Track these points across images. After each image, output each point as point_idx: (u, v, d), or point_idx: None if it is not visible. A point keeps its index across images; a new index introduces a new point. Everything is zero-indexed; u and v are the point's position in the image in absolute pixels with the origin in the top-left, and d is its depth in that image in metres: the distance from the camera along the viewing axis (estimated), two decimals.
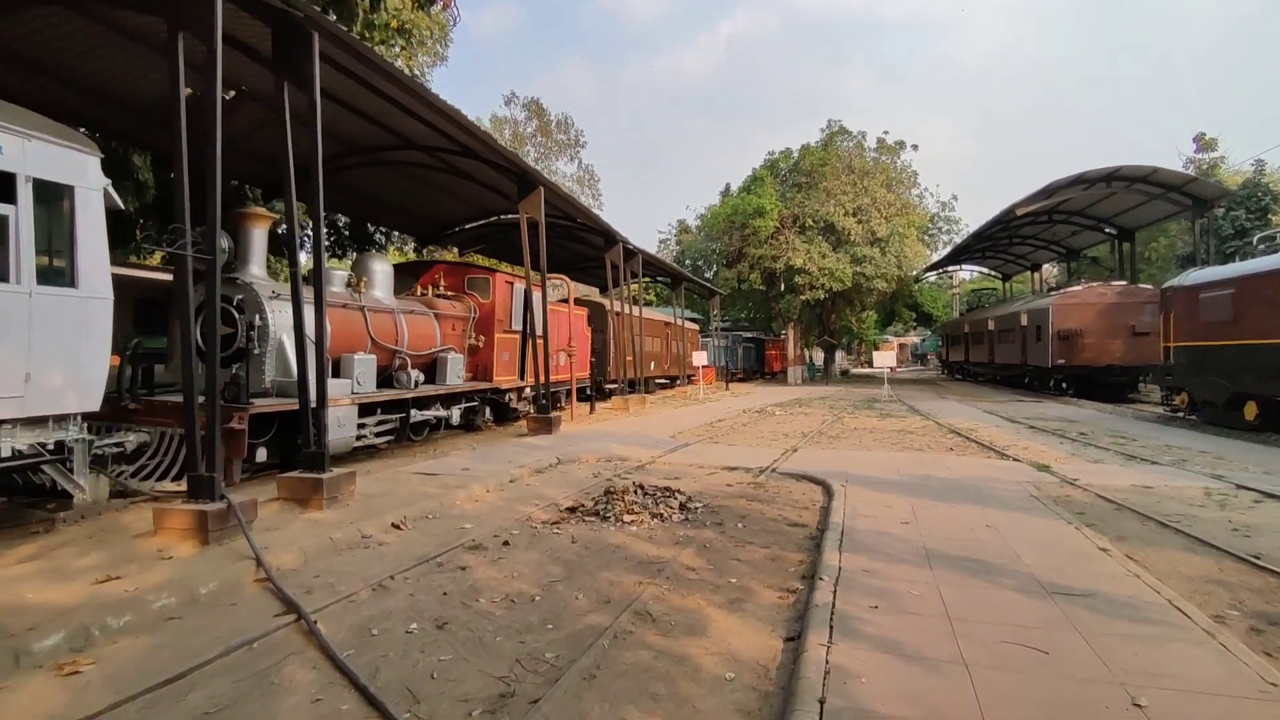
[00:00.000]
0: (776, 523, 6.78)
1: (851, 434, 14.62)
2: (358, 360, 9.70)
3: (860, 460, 10.59)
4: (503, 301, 14.01)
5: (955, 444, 12.86)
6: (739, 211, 37.01)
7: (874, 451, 11.78)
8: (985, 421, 17.10)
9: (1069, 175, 24.45)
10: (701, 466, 10.21)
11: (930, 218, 43.85)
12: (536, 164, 34.90)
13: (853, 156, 38.74)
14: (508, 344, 14.26)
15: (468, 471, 9.13)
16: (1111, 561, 5.24)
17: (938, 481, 8.69)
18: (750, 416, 18.73)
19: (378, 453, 11.06)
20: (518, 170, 13.74)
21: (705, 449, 12.07)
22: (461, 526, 6.47)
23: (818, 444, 12.96)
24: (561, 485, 8.63)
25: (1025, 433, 14.71)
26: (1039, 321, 27.09)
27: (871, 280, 35.92)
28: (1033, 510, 7.08)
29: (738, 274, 38.19)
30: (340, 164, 14.74)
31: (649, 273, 28.28)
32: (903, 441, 13.25)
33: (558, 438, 12.91)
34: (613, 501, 7.17)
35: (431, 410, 11.75)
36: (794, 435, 14.27)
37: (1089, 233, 31.76)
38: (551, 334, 16.57)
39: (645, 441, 12.75)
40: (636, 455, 11.08)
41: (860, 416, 18.70)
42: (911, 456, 11.08)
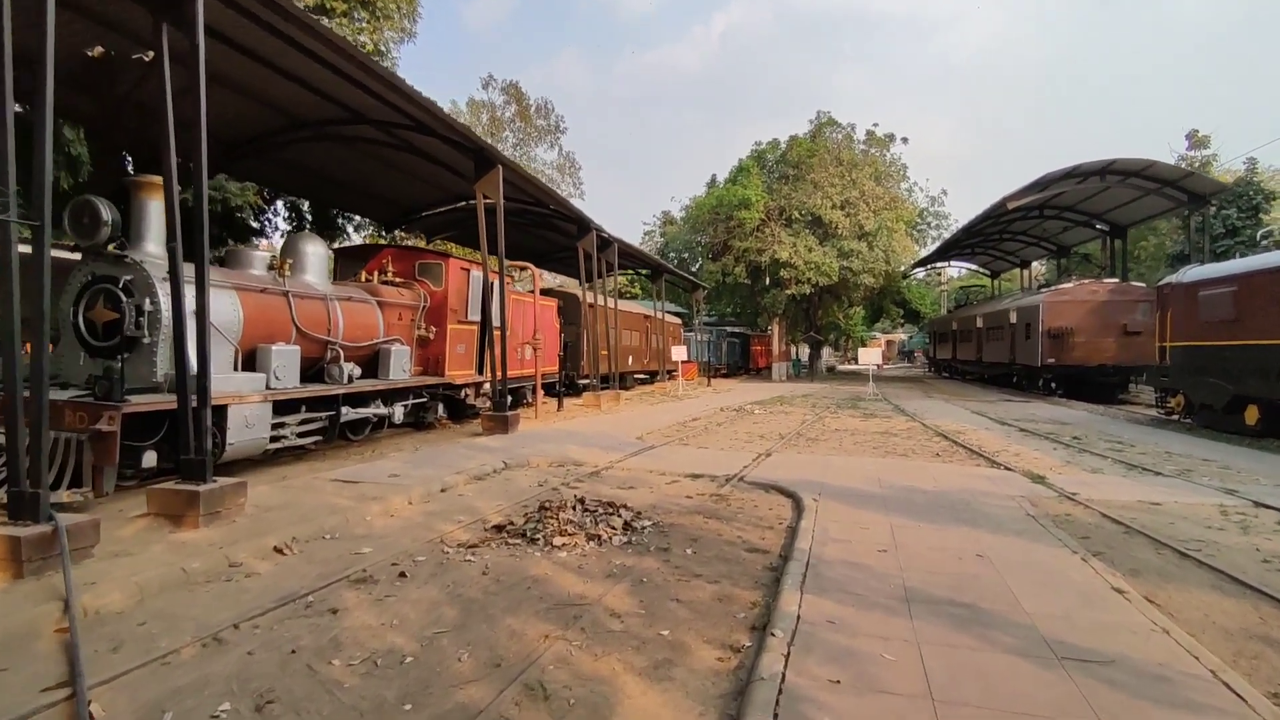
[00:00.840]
0: (734, 547, 5.79)
1: (832, 436, 13.69)
2: (275, 352, 8.62)
3: (838, 468, 9.64)
4: (457, 289, 12.94)
5: (942, 449, 11.95)
6: (724, 203, 35.99)
7: (854, 457, 10.84)
8: (974, 423, 16.22)
9: (1062, 168, 23.64)
10: (663, 473, 9.22)
11: (919, 212, 43.05)
12: (514, 150, 33.76)
13: (841, 148, 37.80)
14: (463, 335, 13.20)
15: (396, 479, 8.09)
16: (1130, 608, 4.30)
17: (922, 495, 7.74)
18: (727, 415, 17.76)
19: (306, 454, 9.99)
20: (474, 146, 12.66)
21: (672, 452, 11.09)
22: (359, 551, 5.44)
23: (794, 447, 12.01)
24: (498, 496, 7.61)
25: (1016, 436, 13.83)
26: (1029, 319, 26.31)
27: (858, 275, 35.04)
28: (1030, 534, 6.14)
29: (722, 267, 37.17)
30: (284, 138, 13.60)
31: (626, 263, 27.27)
32: (886, 445, 12.33)
33: (513, 438, 11.88)
34: (545, 520, 6.16)
35: (370, 408, 10.68)
36: (770, 437, 13.32)
37: (1080, 229, 31.02)
38: (515, 326, 15.53)
39: (608, 443, 11.74)
40: (594, 459, 10.08)
41: (843, 416, 17.79)
42: (894, 463, 10.15)
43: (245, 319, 8.39)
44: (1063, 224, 30.87)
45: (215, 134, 13.21)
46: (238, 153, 14.00)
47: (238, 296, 8.34)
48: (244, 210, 17.32)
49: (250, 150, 13.96)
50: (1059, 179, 24.23)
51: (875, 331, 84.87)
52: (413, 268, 12.70)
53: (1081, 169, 23.60)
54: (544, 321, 17.40)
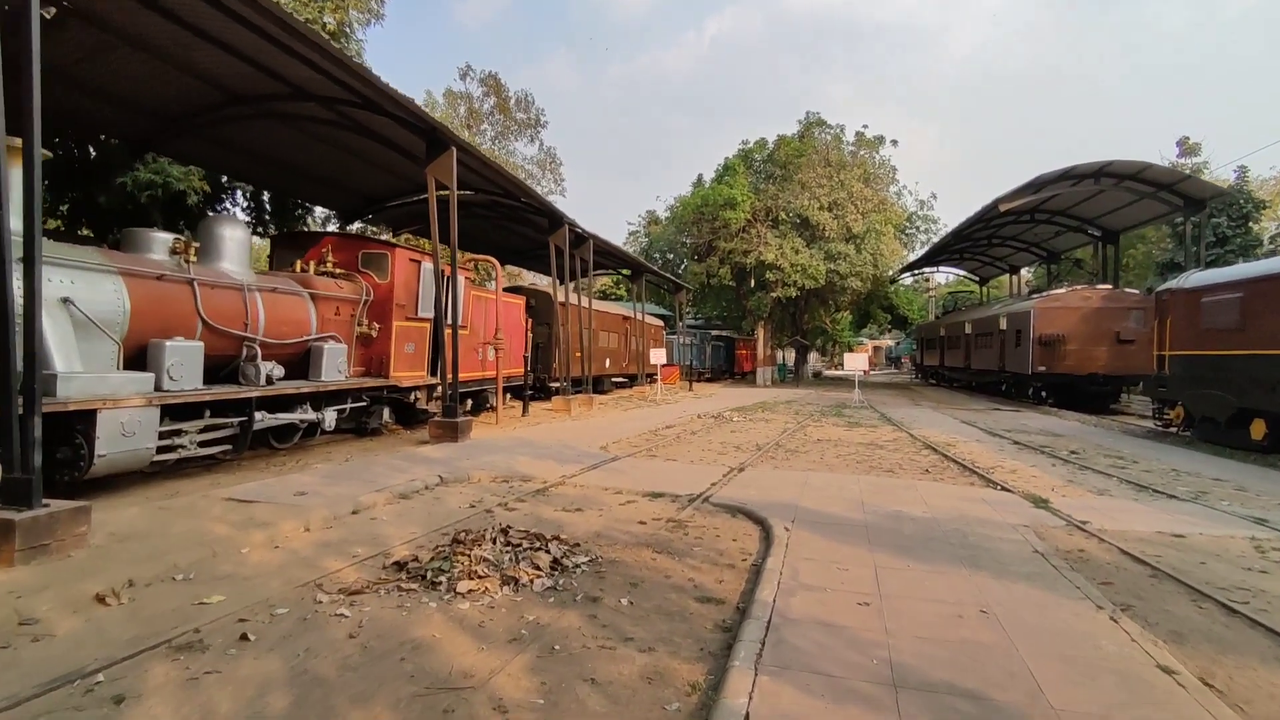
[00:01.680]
0: (682, 594, 4.71)
1: (813, 447, 12.65)
2: (170, 348, 7.45)
3: (817, 486, 8.59)
4: (405, 283, 11.79)
5: (931, 464, 10.94)
6: (709, 202, 34.98)
7: (836, 473, 9.80)
8: (964, 434, 15.25)
9: (1057, 169, 22.81)
10: (619, 492, 8.13)
11: (908, 216, 42.27)
12: (493, 144, 32.60)
13: (830, 149, 36.92)
14: (411, 333, 12.05)
15: (302, 498, 6.95)
16: (1188, 699, 3.25)
17: (911, 524, 6.70)
18: (704, 422, 16.70)
19: (216, 466, 8.81)
20: (425, 127, 11.53)
21: (634, 465, 10.00)
22: (205, 600, 4.31)
23: (772, 460, 10.96)
24: (416, 521, 6.49)
25: (1010, 449, 12.86)
26: (1019, 326, 25.48)
27: (846, 278, 34.15)
28: (1042, 578, 5.10)
29: (707, 268, 36.18)
30: (220, 114, 12.42)
31: (605, 262, 26.19)
32: (871, 459, 11.30)
33: (461, 448, 10.75)
34: (456, 556, 5.05)
35: (296, 413, 9.51)
36: (746, 448, 12.26)
37: (1072, 234, 30.27)
38: (475, 324, 14.41)
39: (566, 455, 10.64)
40: (544, 474, 8.97)
41: (826, 425, 16.77)
42: (879, 482, 9.11)
43: (133, 310, 7.22)
44: (1054, 229, 30.11)
45: (137, 103, 12.05)
46: (171, 129, 12.80)
47: (123, 283, 7.16)
48: (188, 195, 16.04)
49: (184, 127, 12.76)
50: (1053, 181, 23.40)
51: (862, 337, 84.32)
52: (356, 258, 11.54)
53: (1077, 170, 22.78)
54: (509, 320, 16.28)
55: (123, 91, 11.61)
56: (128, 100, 11.92)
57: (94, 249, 7.18)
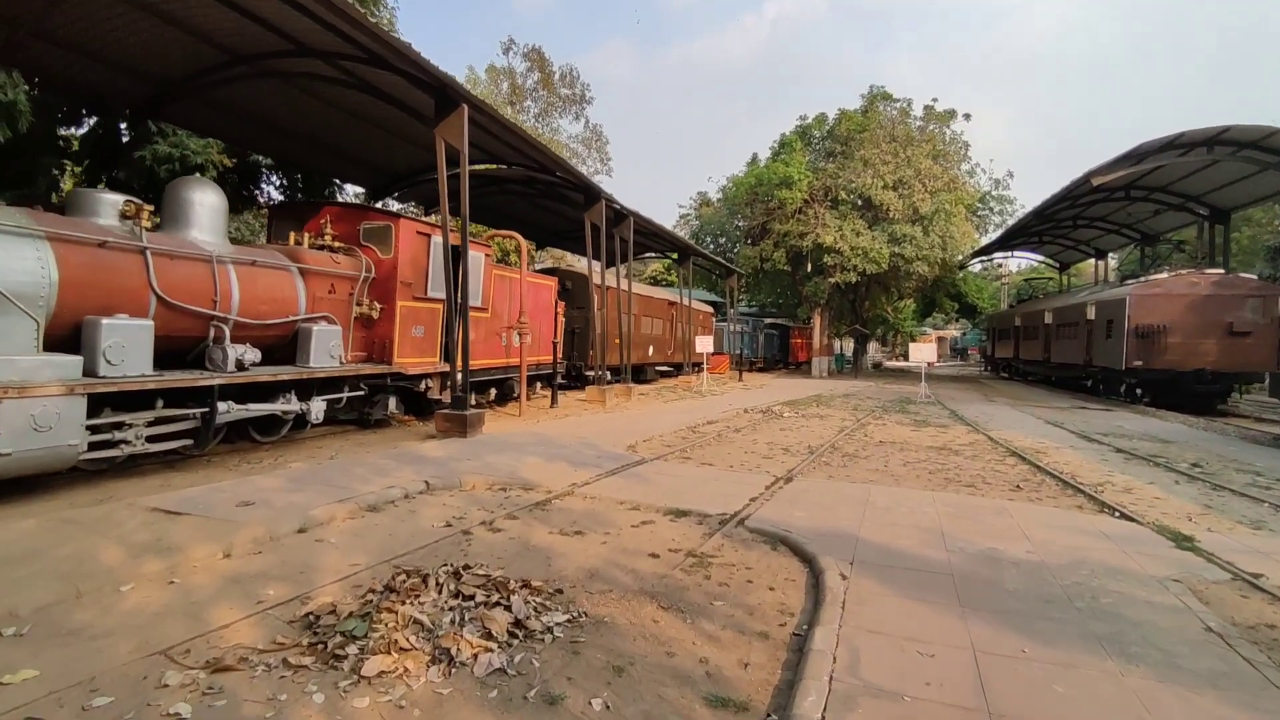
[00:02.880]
0: (686, 687, 3.23)
1: (875, 451, 10.91)
2: (109, 327, 6.33)
3: (882, 506, 6.93)
4: (411, 259, 10.56)
5: (1021, 476, 9.09)
6: (763, 182, 32.94)
7: (904, 487, 8.09)
8: (1052, 438, 13.19)
9: (1162, 137, 20.06)
10: (635, 507, 6.67)
11: (980, 196, 39.20)
12: (536, 121, 31.36)
13: (896, 124, 34.30)
14: (420, 315, 10.84)
15: (246, 509, 5.74)
16: None
17: (1014, 571, 5.01)
18: (751, 418, 15.07)
19: (178, 463, 7.74)
20: (433, 81, 10.24)
21: (662, 472, 8.51)
22: (4, 680, 3.06)
23: (825, 467, 9.31)
24: (370, 546, 5.18)
25: (1114, 459, 10.82)
26: (1111, 315, 22.79)
27: (911, 263, 31.65)
28: (1237, 685, 3.39)
29: (760, 252, 34.18)
30: (224, 75, 11.44)
31: (649, 243, 24.66)
32: (945, 468, 9.52)
33: (467, 444, 9.48)
34: (381, 613, 3.68)
35: (278, 403, 8.38)
36: (797, 451, 10.62)
37: (1173, 213, 27.09)
38: (498, 306, 13.15)
39: (584, 455, 9.24)
40: (552, 480, 7.58)
41: (890, 423, 14.91)
42: (961, 501, 7.37)
43: (62, 281, 6.12)
44: (1153, 207, 26.99)
45: (135, 66, 11.16)
46: (173, 93, 11.90)
47: (50, 249, 6.06)
48: (207, 169, 15.26)
49: (186, 90, 11.84)
50: (1156, 150, 20.63)
51: (926, 327, 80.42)
52: (357, 231, 10.37)
53: (1185, 138, 19.98)
54: (537, 303, 14.98)
55: (119, 54, 10.73)
56: (124, 63, 11.05)
57: (19, 209, 6.10)
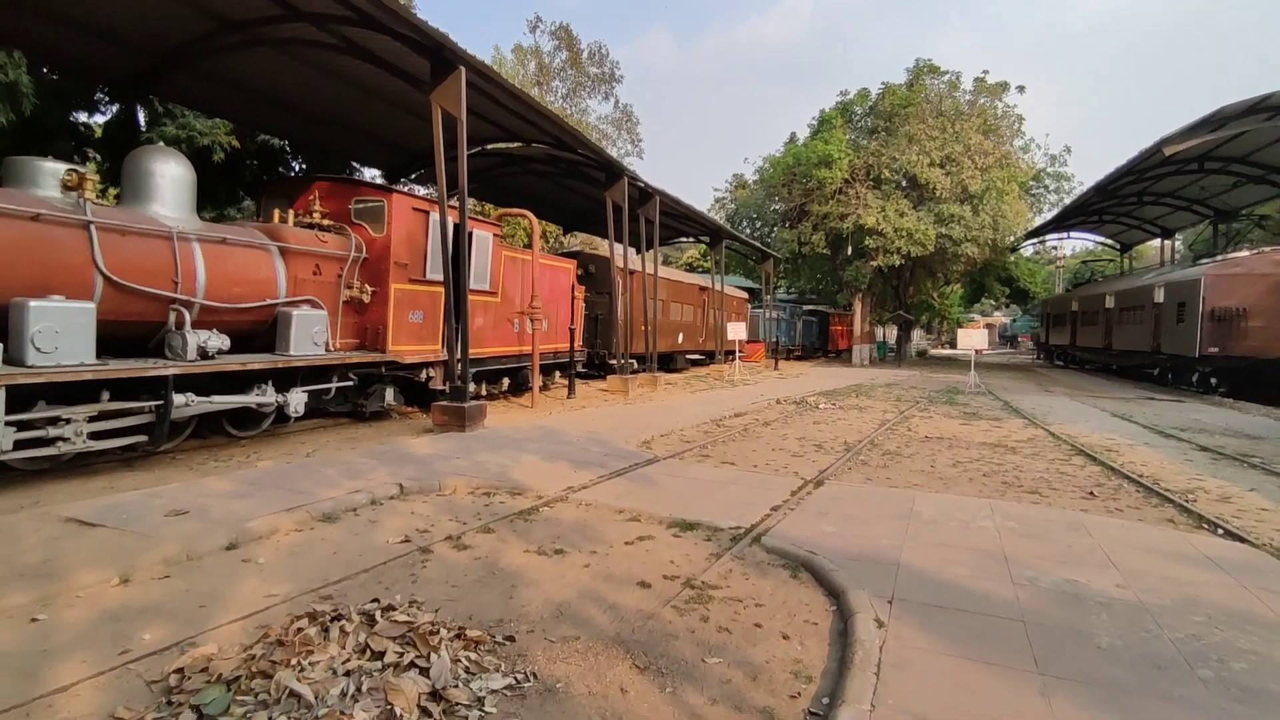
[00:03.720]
0: None
1: (920, 448, 9.73)
2: (37, 310, 5.60)
3: (929, 519, 5.82)
4: (407, 238, 9.73)
5: (1093, 479, 7.83)
6: (801, 161, 31.42)
7: (955, 494, 6.94)
8: (1122, 432, 11.77)
9: (1244, 99, 18.05)
10: (635, 518, 5.70)
11: (1035, 174, 36.90)
12: (564, 101, 30.38)
13: (943, 98, 32.33)
14: (418, 299, 10.01)
15: (176, 519, 4.96)
16: None
17: (1103, 612, 3.89)
18: (783, 410, 13.94)
19: (137, 461, 7.05)
20: (428, 43, 9.33)
21: (675, 473, 7.52)
22: None
23: (863, 468, 8.20)
24: (304, 569, 4.33)
25: (1199, 459, 9.43)
26: (1183, 297, 20.90)
27: (959, 244, 29.82)
28: None
29: (798, 235, 32.70)
30: (215, 43, 10.76)
31: (676, 224, 23.50)
32: (1002, 469, 8.31)
33: (463, 440, 8.63)
34: (251, 682, 2.79)
35: (250, 395, 7.64)
36: (831, 448, 9.51)
37: (1253, 186, 24.79)
38: (509, 289, 12.30)
39: (590, 453, 8.30)
40: (546, 482, 6.66)
41: (936, 416, 13.62)
42: (1025, 513, 6.20)
43: None
44: (1229, 179, 24.72)
45: (125, 38, 10.54)
46: (167, 65, 11.27)
47: None
48: (214, 151, 14.73)
49: (180, 62, 11.20)
50: (1239, 115, 18.64)
51: (973, 314, 77.36)
52: (348, 208, 9.57)
53: (1272, 100, 17.94)
54: (553, 287, 14.07)
55: (107, 24, 10.12)
56: (114, 34, 10.43)
57: None
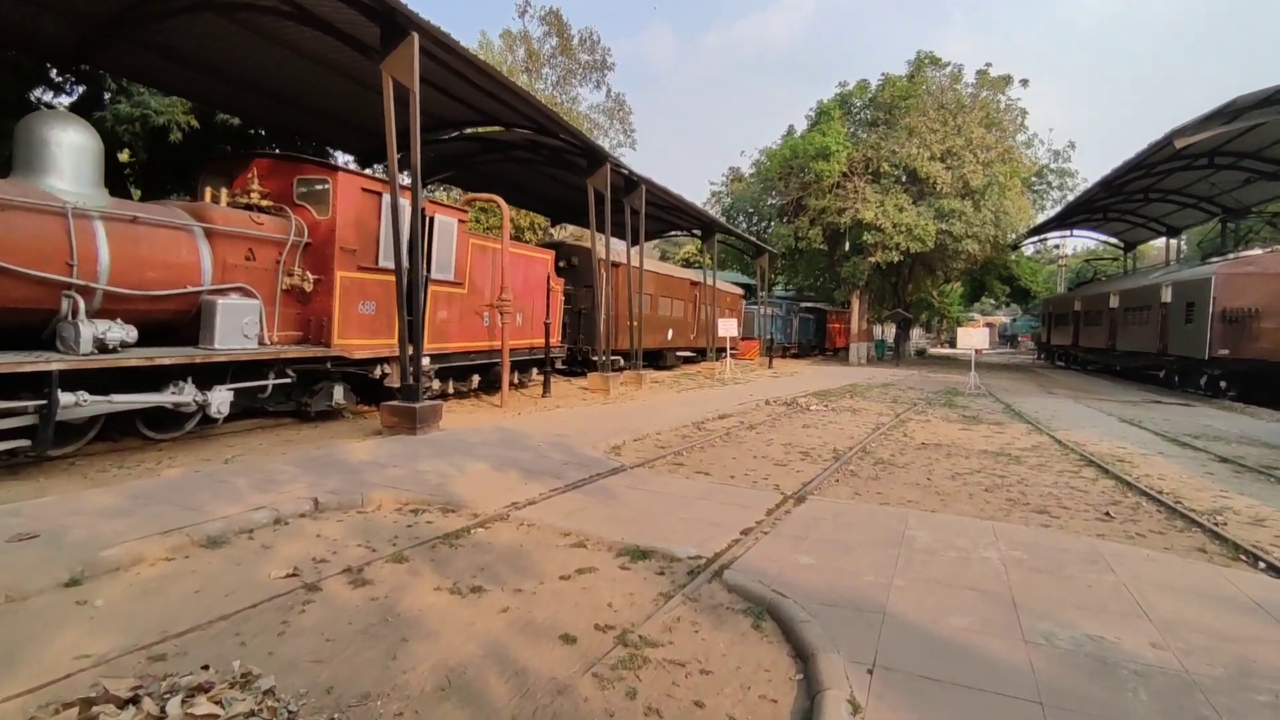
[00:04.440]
0: None
1: (916, 456, 8.92)
2: None
3: (922, 550, 4.99)
4: (356, 220, 8.89)
5: (1108, 497, 7.02)
6: (799, 153, 30.56)
7: (953, 513, 6.13)
8: (1133, 440, 10.97)
9: (1261, 89, 17.18)
10: (581, 543, 4.89)
11: (1038, 170, 36.08)
12: (554, 89, 29.49)
13: (945, 91, 31.43)
14: (368, 289, 9.18)
15: (22, 544, 4.14)
16: None
17: (1140, 686, 3.06)
18: (772, 412, 13.13)
19: (23, 469, 6.21)
20: (379, 7, 8.46)
21: (638, 485, 6.69)
22: None
23: (852, 479, 7.38)
24: (148, 617, 3.50)
25: (1220, 471, 8.62)
26: (1192, 297, 20.08)
27: (960, 241, 28.99)
28: None
29: (795, 230, 31.86)
30: (154, 8, 9.86)
31: (664, 215, 22.62)
32: (1006, 482, 7.50)
33: (409, 444, 7.81)
34: None
35: (165, 393, 6.80)
36: (818, 456, 8.70)
37: (1265, 183, 23.94)
38: (476, 280, 11.47)
39: (548, 460, 7.48)
40: (488, 496, 5.84)
41: (934, 420, 12.81)
42: (1033, 540, 5.37)
43: None
44: (1241, 175, 23.88)
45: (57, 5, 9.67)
46: (105, 34, 10.39)
47: None
48: (170, 130, 13.85)
49: (120, 30, 10.31)
50: (1254, 105, 17.75)
51: (973, 313, 76.58)
52: (291, 188, 8.71)
53: None
54: (527, 278, 13.22)
55: None
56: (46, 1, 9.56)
57: None
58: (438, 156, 18.31)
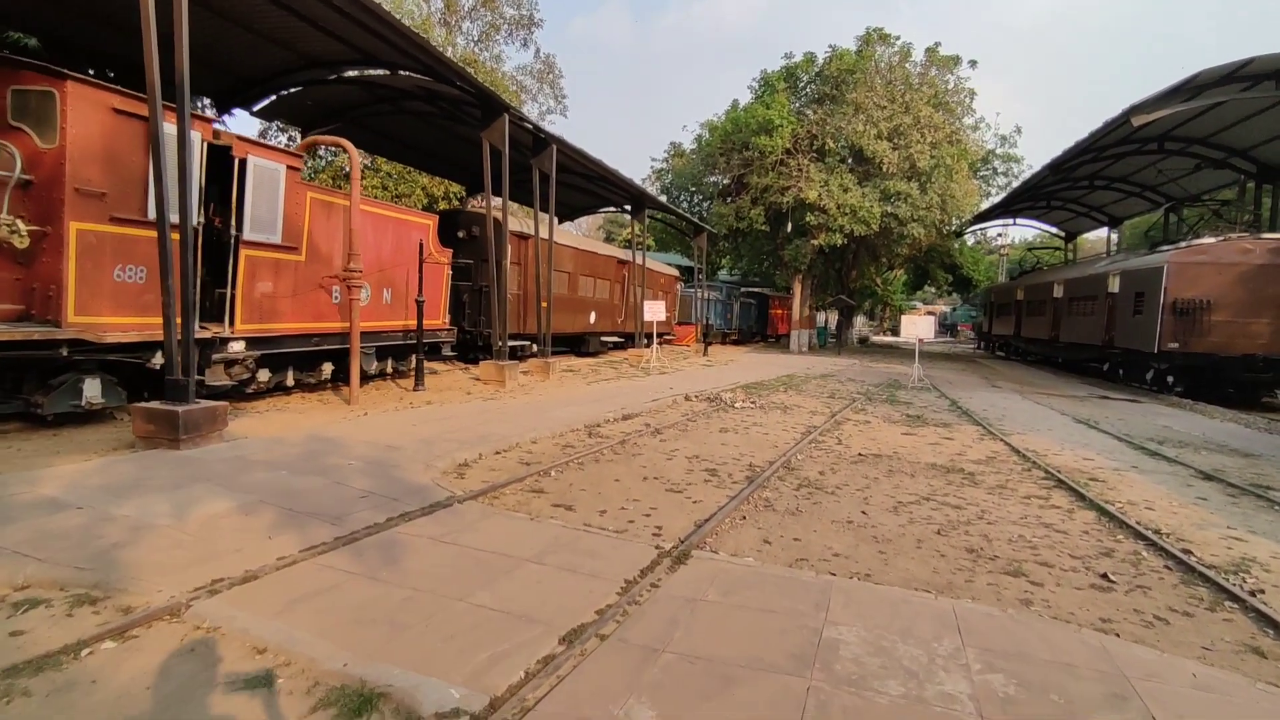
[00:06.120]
0: None
1: (851, 475, 7.09)
2: None
3: (850, 671, 3.06)
4: (104, 152, 6.46)
5: (1095, 542, 5.27)
6: (741, 127, 28.67)
7: (896, 579, 4.26)
8: (1095, 447, 9.46)
9: (1224, 64, 16.02)
10: (266, 678, 2.78)
11: (984, 155, 35.16)
12: (475, 46, 26.73)
13: (894, 68, 29.93)
14: (133, 248, 6.77)
15: None
16: None
17: None
18: (689, 410, 11.22)
19: None
20: None
21: (451, 533, 4.60)
22: None
23: (764, 517, 5.47)
24: None
25: (1209, 492, 7.07)
26: (1141, 287, 19.05)
27: (905, 224, 27.63)
28: None
29: (736, 210, 30.03)
30: None
31: (585, 184, 20.38)
32: (963, 518, 5.71)
33: (146, 464, 5.53)
34: None
35: None
36: (728, 475, 6.78)
37: (1212, 171, 23.22)
38: (315, 245, 9.11)
39: (338, 492, 5.32)
40: (174, 571, 3.68)
41: (875, 421, 11.10)
42: (1014, 639, 3.51)
43: None
44: (1190, 162, 23.07)
45: None
46: None
47: None
48: None
49: None
50: (1215, 83, 16.67)
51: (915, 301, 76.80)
52: (4, 101, 6.22)
53: (1254, 67, 15.97)
54: (400, 247, 10.90)
55: None
56: None
57: None
58: (319, 106, 15.68)
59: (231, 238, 7.89)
